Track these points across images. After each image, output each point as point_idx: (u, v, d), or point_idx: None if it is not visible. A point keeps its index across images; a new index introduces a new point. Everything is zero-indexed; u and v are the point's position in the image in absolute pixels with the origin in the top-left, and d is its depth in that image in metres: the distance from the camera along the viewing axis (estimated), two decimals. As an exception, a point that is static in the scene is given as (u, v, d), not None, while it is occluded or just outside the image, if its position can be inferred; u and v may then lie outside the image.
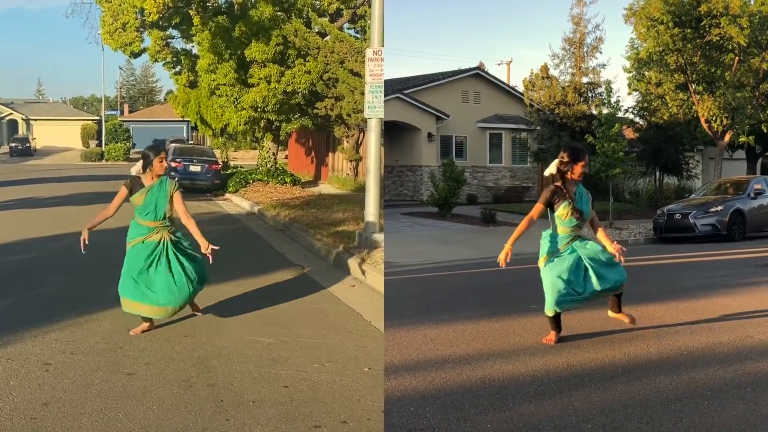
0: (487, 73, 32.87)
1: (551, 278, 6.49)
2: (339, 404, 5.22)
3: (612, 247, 6.48)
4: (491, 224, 21.35)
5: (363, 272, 10.06)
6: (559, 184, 6.51)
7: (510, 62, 49.41)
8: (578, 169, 6.45)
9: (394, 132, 28.34)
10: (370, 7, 17.22)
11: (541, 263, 6.67)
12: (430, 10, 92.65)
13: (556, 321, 6.61)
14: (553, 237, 6.66)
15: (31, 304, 8.04)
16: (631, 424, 4.50)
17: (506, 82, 37.65)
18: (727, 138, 23.89)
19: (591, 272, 6.47)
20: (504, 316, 7.97)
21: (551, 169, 6.61)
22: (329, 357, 6.30)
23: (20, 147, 58.88)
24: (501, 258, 6.45)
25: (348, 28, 27.38)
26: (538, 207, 6.58)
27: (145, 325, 6.97)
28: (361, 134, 24.79)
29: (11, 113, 70.86)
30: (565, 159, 6.46)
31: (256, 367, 5.96)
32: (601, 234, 6.74)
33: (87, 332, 6.90)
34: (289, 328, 7.21)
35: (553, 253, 6.59)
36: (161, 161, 7.14)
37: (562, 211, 6.50)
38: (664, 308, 8.10)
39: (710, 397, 4.98)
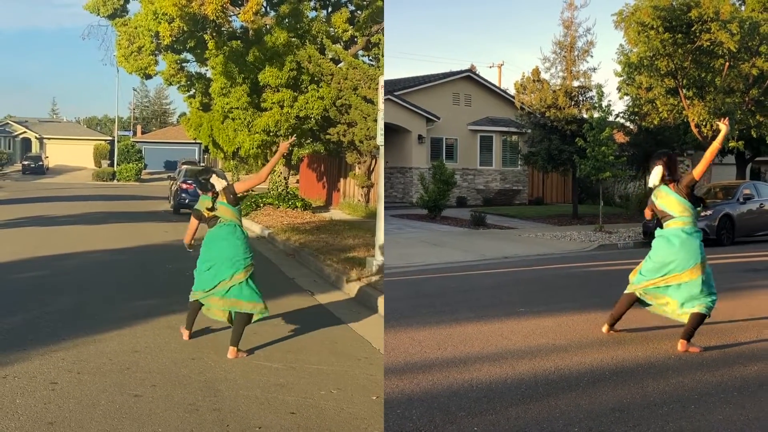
0: (478, 75, 32.90)
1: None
2: (346, 433, 5.17)
3: None
4: (481, 227, 21.35)
5: (373, 299, 9.78)
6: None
7: (501, 65, 49.51)
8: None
9: (384, 133, 28.30)
10: (384, 35, 17.21)
11: None
12: (422, 12, 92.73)
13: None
14: None
15: (40, 323, 7.97)
16: (618, 427, 4.49)
17: (497, 84, 37.69)
18: (716, 143, 23.94)
19: None
20: (492, 319, 7.95)
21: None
22: (337, 384, 6.20)
23: (33, 165, 59.36)
24: None
25: (362, 56, 27.58)
26: None
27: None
28: (373, 161, 24.92)
29: (25, 131, 71.50)
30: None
31: (263, 393, 5.88)
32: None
33: (94, 352, 6.83)
34: (297, 354, 7.10)
35: None
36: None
37: None
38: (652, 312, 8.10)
39: (697, 401, 4.98)
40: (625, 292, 6.97)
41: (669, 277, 6.58)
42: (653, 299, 6.80)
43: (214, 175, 7.24)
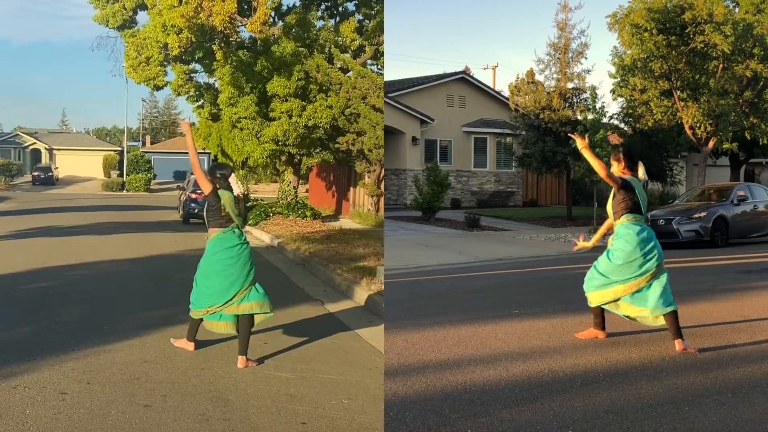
0: (472, 77, 32.90)
1: None
2: (358, 443, 5.11)
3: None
4: (475, 229, 21.35)
5: (383, 308, 9.74)
6: None
7: (496, 67, 49.51)
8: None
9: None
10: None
11: None
12: (416, 14, 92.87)
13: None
14: None
15: (50, 333, 7.91)
16: (612, 429, 4.48)
17: (492, 86, 37.73)
18: (710, 144, 24.02)
19: None
20: (486, 321, 7.93)
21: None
22: (348, 394, 6.13)
23: (43, 176, 59.68)
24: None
25: (371, 65, 27.57)
26: None
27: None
28: (383, 170, 24.92)
29: (35, 142, 71.95)
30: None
31: (273, 403, 5.82)
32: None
33: (104, 362, 6.77)
34: (308, 364, 7.02)
35: None
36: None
37: None
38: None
39: (691, 403, 4.97)
40: (592, 305, 6.86)
41: (649, 274, 6.47)
42: (621, 309, 6.69)
43: (233, 176, 7.08)
